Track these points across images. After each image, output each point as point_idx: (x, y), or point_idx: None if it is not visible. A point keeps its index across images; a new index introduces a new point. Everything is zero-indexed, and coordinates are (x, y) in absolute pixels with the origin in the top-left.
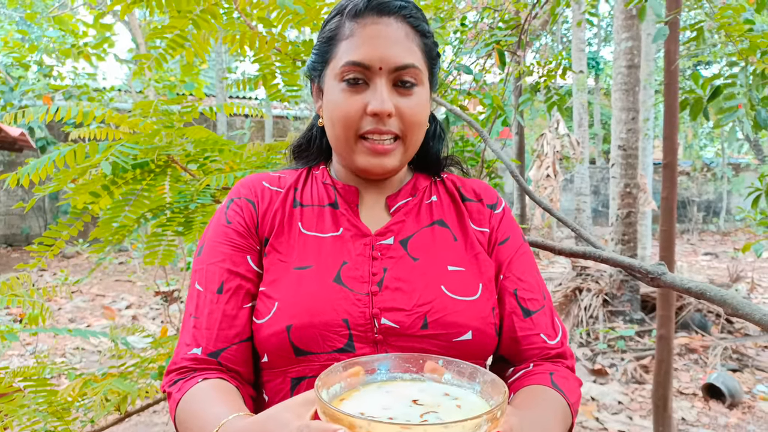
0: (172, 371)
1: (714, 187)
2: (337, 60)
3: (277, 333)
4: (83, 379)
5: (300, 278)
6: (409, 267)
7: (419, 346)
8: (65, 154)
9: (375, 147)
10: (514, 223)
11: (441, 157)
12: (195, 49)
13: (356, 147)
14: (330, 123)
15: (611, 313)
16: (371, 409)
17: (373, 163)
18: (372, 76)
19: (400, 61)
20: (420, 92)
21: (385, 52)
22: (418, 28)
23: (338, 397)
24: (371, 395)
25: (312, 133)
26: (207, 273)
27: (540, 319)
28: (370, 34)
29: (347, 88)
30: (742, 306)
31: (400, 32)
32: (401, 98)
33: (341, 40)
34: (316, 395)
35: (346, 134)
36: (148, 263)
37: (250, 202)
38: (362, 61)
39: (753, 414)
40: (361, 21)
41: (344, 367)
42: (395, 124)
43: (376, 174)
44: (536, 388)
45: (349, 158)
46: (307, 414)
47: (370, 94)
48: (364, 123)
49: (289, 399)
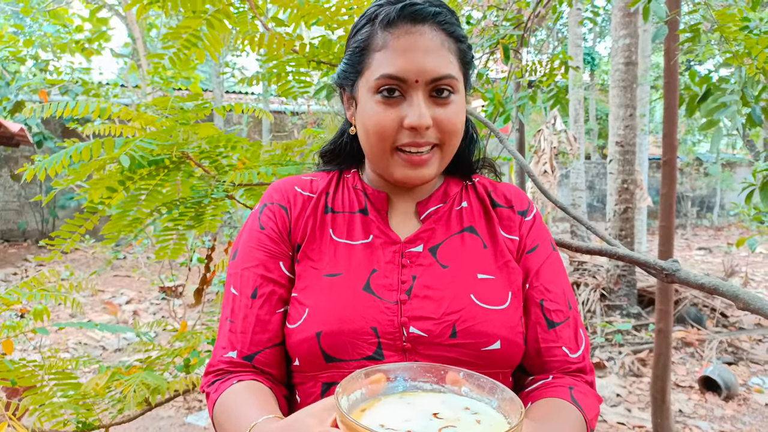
0: (210, 373)
1: (707, 182)
2: (371, 72)
3: (307, 339)
4: (112, 371)
5: (330, 286)
6: (438, 275)
7: (448, 355)
8: (82, 149)
9: (412, 159)
10: (544, 229)
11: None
12: (207, 48)
13: (392, 159)
14: (365, 134)
15: (608, 308)
16: (392, 421)
17: (411, 175)
18: (408, 89)
19: (437, 72)
20: (456, 100)
21: (421, 64)
22: (453, 34)
23: (360, 407)
24: (393, 406)
25: (342, 139)
26: (242, 278)
27: (563, 331)
28: (404, 45)
29: (382, 100)
30: (754, 301)
31: (436, 41)
32: (438, 108)
33: (374, 51)
34: (335, 403)
35: (382, 146)
36: (160, 257)
37: (282, 208)
38: (398, 74)
39: (748, 406)
40: (395, 31)
41: (366, 374)
42: (433, 135)
43: (414, 185)
44: (555, 401)
45: (385, 169)
46: (329, 419)
47: (406, 107)
48: (400, 136)
49: (314, 404)
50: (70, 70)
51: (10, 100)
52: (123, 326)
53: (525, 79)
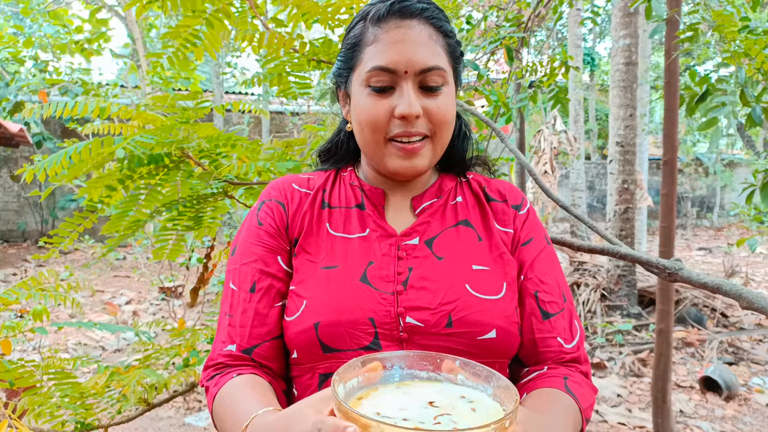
0: (210, 367)
1: (707, 182)
2: (363, 65)
3: (305, 330)
4: (111, 371)
5: (327, 278)
6: (433, 266)
7: (444, 344)
8: (81, 149)
9: (404, 147)
10: (538, 223)
11: (467, 157)
12: (206, 48)
13: (386, 150)
14: (359, 127)
15: (609, 308)
16: (388, 410)
17: (404, 165)
18: (398, 80)
19: (425, 63)
20: (446, 91)
21: (410, 55)
22: (441, 28)
23: (357, 395)
24: (389, 395)
25: (339, 137)
26: (240, 273)
27: (558, 322)
28: (394, 38)
29: (374, 93)
30: (757, 300)
31: (424, 34)
32: (428, 99)
33: (366, 45)
34: (332, 391)
35: (375, 138)
36: (157, 257)
37: (280, 204)
38: (387, 65)
39: (749, 406)
40: (385, 26)
41: (362, 362)
42: (423, 125)
43: (407, 175)
44: (549, 391)
45: (379, 161)
46: (326, 409)
47: (396, 98)
48: (392, 126)
49: (312, 395)
50: (69, 70)
51: (9, 100)
52: (122, 326)
53: (526, 80)
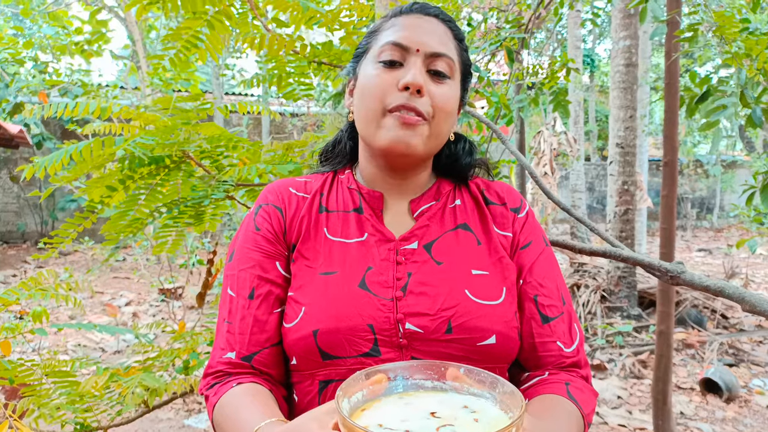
0: (209, 375)
1: (707, 183)
2: (377, 44)
3: (304, 337)
4: (111, 372)
5: (326, 284)
6: (433, 271)
7: (444, 350)
8: (82, 148)
9: (403, 118)
10: (537, 226)
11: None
12: (208, 49)
13: (382, 121)
14: (360, 99)
15: (609, 309)
16: (390, 421)
17: (399, 135)
18: (408, 56)
19: (437, 48)
20: (451, 84)
21: (424, 38)
22: (456, 34)
23: (360, 407)
24: (391, 407)
25: (340, 136)
26: (238, 279)
27: (558, 326)
28: (412, 23)
29: (382, 67)
30: (760, 303)
31: (440, 28)
32: (433, 84)
33: (383, 30)
34: (336, 406)
35: (375, 107)
36: (158, 252)
37: (277, 209)
38: (401, 41)
39: (749, 408)
40: (405, 16)
41: (366, 375)
42: (425, 104)
43: (399, 151)
44: (552, 398)
45: (374, 134)
46: (330, 422)
47: (403, 72)
48: (393, 98)
49: (317, 408)
50: (69, 71)
51: (9, 101)
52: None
53: (528, 82)
